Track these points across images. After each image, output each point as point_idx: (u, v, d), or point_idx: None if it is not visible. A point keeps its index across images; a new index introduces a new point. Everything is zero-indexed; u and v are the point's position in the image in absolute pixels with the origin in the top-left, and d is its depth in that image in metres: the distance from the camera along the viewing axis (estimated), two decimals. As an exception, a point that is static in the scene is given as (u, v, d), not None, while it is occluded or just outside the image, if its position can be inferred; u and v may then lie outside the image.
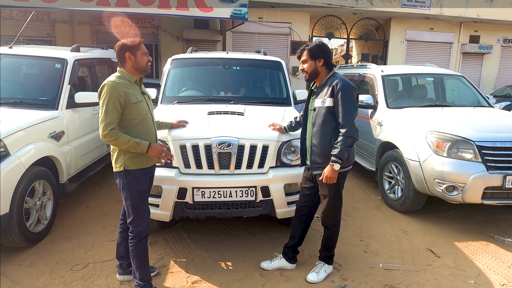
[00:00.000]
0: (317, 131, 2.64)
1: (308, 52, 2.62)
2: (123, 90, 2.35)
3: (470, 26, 12.94)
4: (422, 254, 3.28)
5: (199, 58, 4.55)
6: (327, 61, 2.64)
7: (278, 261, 2.97)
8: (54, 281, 2.76)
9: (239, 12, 7.60)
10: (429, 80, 5.69)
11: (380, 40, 13.10)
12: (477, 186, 3.48)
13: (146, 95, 2.59)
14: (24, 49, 4.41)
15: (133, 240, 2.48)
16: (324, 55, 2.62)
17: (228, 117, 3.36)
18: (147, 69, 2.50)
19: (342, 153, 2.51)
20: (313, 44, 2.64)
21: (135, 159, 2.42)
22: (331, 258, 2.91)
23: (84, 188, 4.65)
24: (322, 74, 2.66)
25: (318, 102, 2.64)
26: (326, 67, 2.66)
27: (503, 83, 13.42)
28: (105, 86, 2.33)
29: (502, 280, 2.90)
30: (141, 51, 2.44)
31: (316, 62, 2.62)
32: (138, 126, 2.43)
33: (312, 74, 2.65)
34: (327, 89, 2.59)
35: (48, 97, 3.82)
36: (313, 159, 2.69)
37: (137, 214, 2.46)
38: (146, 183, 2.52)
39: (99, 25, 10.86)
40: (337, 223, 2.82)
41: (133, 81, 2.46)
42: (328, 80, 2.63)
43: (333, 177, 2.56)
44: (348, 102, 2.53)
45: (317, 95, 2.67)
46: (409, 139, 4.07)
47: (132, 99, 2.38)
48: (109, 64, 5.32)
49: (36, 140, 3.27)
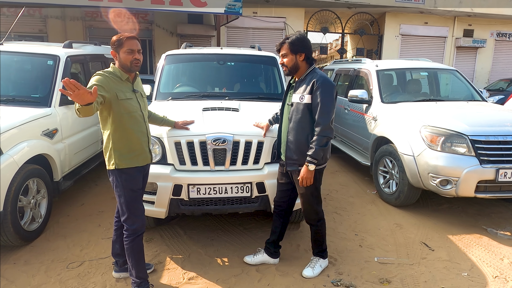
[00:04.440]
0: (294, 127, 2.58)
1: (288, 46, 2.52)
2: (111, 83, 2.31)
3: (464, 20, 12.99)
4: (416, 248, 3.31)
5: (193, 54, 4.52)
6: (308, 56, 2.56)
7: (260, 255, 2.98)
8: (50, 279, 2.75)
9: (233, 7, 7.55)
10: (423, 75, 5.72)
11: (374, 34, 13.11)
12: (470, 179, 3.52)
13: (139, 93, 2.52)
14: (15, 45, 4.35)
15: (128, 238, 2.47)
16: (305, 49, 2.53)
17: (223, 113, 3.35)
18: (133, 67, 2.37)
19: (317, 153, 2.47)
20: (294, 37, 2.52)
21: (125, 158, 2.39)
22: (324, 252, 2.92)
23: (79, 185, 4.63)
24: (302, 69, 2.58)
25: (296, 97, 2.58)
26: (307, 62, 2.58)
27: (497, 76, 13.52)
28: (93, 76, 2.31)
29: (495, 272, 2.94)
30: (124, 48, 2.32)
31: (297, 57, 2.54)
32: (127, 123, 2.38)
33: (292, 69, 2.57)
34: (306, 85, 2.53)
35: (41, 94, 3.78)
36: (288, 155, 2.64)
37: (131, 212, 2.44)
38: (139, 181, 2.50)
39: (91, 21, 10.75)
40: (321, 217, 2.80)
41: (124, 78, 2.40)
42: (308, 75, 2.56)
43: (309, 177, 2.53)
44: (326, 100, 2.46)
45: (295, 90, 2.60)
46: (403, 134, 4.09)
47: (120, 96, 2.33)
48: (102, 60, 5.27)
49: (29, 138, 3.24)
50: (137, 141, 2.44)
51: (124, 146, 2.39)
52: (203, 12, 8.28)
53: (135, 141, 2.43)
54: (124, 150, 2.39)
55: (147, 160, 2.56)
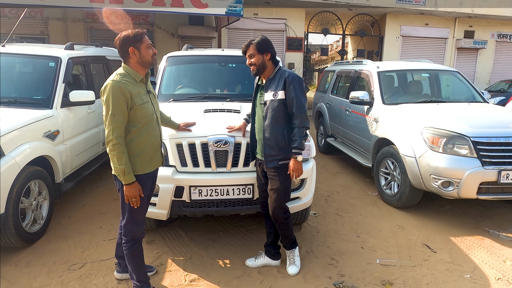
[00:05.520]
0: (269, 124, 2.64)
1: (255, 46, 2.66)
2: (129, 90, 2.19)
3: (465, 21, 12.99)
4: (418, 249, 3.30)
5: (194, 55, 4.53)
6: (273, 55, 2.71)
7: (262, 259, 2.99)
8: (51, 281, 2.75)
9: (234, 8, 7.57)
10: (425, 76, 5.72)
11: (375, 35, 13.11)
12: (472, 181, 3.51)
13: (152, 94, 2.43)
14: (17, 47, 4.36)
15: (127, 243, 2.41)
16: (271, 49, 2.69)
17: (224, 115, 3.35)
18: (154, 62, 2.33)
19: (301, 144, 2.58)
20: (259, 39, 2.69)
21: (137, 164, 2.29)
22: (294, 242, 2.95)
23: (81, 187, 4.63)
24: (269, 68, 2.71)
25: (269, 95, 2.67)
26: (273, 62, 2.71)
27: (498, 78, 13.51)
28: (108, 86, 2.16)
29: (497, 274, 2.93)
30: (145, 43, 2.24)
31: (264, 56, 2.67)
32: (142, 129, 2.28)
33: (260, 67, 2.68)
34: (278, 82, 2.65)
35: (42, 96, 3.79)
36: (266, 152, 2.68)
37: (133, 219, 2.38)
38: (148, 188, 2.41)
39: (93, 22, 10.76)
40: (288, 213, 2.82)
41: (139, 79, 2.30)
42: (277, 73, 2.70)
43: (299, 168, 2.61)
44: (300, 93, 2.61)
45: (267, 89, 2.70)
46: (405, 135, 4.09)
47: (138, 101, 2.23)
48: (104, 62, 5.28)
49: (30, 140, 3.24)
50: (151, 146, 2.36)
51: (138, 152, 2.29)
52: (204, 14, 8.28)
53: (149, 146, 2.35)
54: (137, 157, 2.29)
55: (158, 164, 2.49)
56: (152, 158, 2.40)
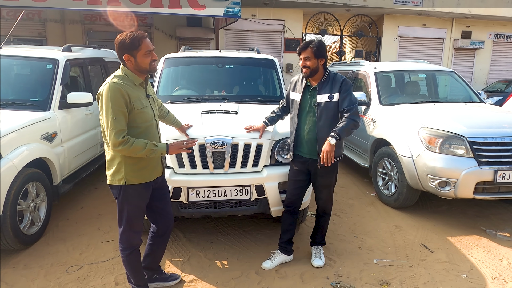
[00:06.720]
0: (325, 124, 2.75)
1: (313, 51, 2.73)
2: (128, 92, 2.09)
3: (462, 22, 13.03)
4: (415, 249, 3.32)
5: (192, 57, 4.54)
6: (326, 61, 2.84)
7: (278, 257, 3.03)
8: (49, 283, 2.75)
9: (232, 10, 7.58)
10: (422, 77, 5.74)
11: (373, 36, 13.14)
12: (469, 181, 3.53)
13: (151, 98, 2.33)
14: (14, 49, 4.36)
15: (125, 251, 2.36)
16: (326, 55, 2.80)
17: (222, 116, 3.36)
18: (152, 69, 2.19)
19: (342, 131, 2.66)
20: (317, 43, 2.75)
21: (138, 172, 2.20)
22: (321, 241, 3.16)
23: (79, 189, 4.63)
24: (320, 72, 2.81)
25: (323, 97, 2.77)
26: (323, 66, 2.83)
27: (495, 78, 13.55)
28: (106, 89, 2.06)
29: (494, 274, 2.95)
30: (141, 51, 2.10)
31: (319, 61, 2.77)
32: (142, 135, 2.17)
33: (313, 71, 2.78)
34: (331, 85, 2.77)
35: (40, 98, 3.79)
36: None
37: (130, 228, 2.31)
38: (147, 197, 2.32)
39: (90, 24, 10.75)
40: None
41: (138, 83, 2.20)
42: (329, 77, 2.82)
43: (331, 150, 2.65)
44: (352, 93, 2.80)
45: (320, 91, 2.79)
46: (402, 136, 4.10)
47: (137, 105, 2.13)
48: (102, 64, 5.28)
49: (28, 142, 3.24)
50: None
51: (137, 160, 2.19)
52: (202, 15, 8.30)
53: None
54: (136, 165, 2.19)
55: (159, 173, 2.37)
56: (153, 166, 2.30)
